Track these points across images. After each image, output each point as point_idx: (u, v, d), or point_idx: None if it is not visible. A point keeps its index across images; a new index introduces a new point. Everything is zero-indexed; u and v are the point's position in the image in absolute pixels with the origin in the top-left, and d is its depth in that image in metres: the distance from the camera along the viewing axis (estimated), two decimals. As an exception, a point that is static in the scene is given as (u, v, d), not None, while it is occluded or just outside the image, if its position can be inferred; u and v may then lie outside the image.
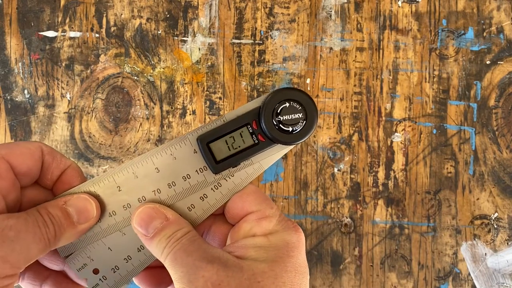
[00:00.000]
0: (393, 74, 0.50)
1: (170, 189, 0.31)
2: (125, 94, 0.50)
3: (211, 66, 0.50)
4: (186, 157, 0.31)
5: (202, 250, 0.29)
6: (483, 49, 0.50)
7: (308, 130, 0.30)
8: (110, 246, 0.32)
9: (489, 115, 0.50)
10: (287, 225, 0.31)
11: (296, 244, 0.30)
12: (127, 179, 0.31)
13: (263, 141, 0.31)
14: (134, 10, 0.50)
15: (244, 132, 0.31)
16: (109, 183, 0.31)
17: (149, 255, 0.32)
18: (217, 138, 0.31)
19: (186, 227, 0.30)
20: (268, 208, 0.31)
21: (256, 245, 0.30)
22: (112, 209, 0.31)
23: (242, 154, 0.31)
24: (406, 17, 0.50)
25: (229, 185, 0.32)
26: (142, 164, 0.31)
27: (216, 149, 0.31)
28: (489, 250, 0.50)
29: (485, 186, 0.50)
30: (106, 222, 0.32)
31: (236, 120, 0.31)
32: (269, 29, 0.50)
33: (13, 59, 0.50)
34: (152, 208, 0.31)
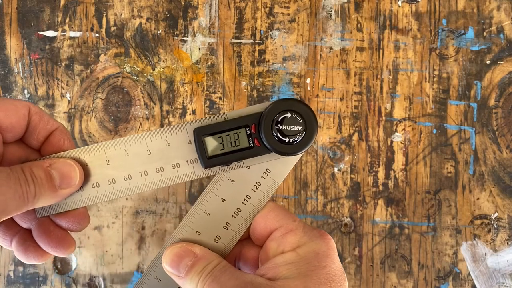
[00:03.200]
0: (393, 74, 0.50)
1: (157, 173, 0.31)
2: (125, 94, 0.50)
3: (211, 66, 0.50)
4: (180, 145, 0.31)
5: (235, 278, 0.29)
6: (483, 49, 0.50)
7: (306, 143, 0.30)
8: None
9: (489, 115, 0.50)
10: (314, 234, 0.31)
11: (327, 252, 0.30)
12: (118, 155, 0.31)
13: (258, 146, 0.31)
14: (134, 10, 0.50)
15: (241, 133, 0.31)
16: (99, 155, 0.31)
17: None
18: (213, 133, 0.31)
19: (215, 259, 0.30)
20: (291, 221, 0.31)
21: (286, 262, 0.30)
22: (96, 180, 0.31)
23: (235, 154, 0.31)
24: (406, 17, 0.50)
25: (249, 208, 0.32)
26: (135, 143, 0.31)
27: (210, 144, 0.31)
28: (489, 250, 0.50)
29: (485, 186, 0.50)
30: (88, 192, 0.31)
31: (237, 120, 0.31)
32: (269, 29, 0.50)
33: (13, 59, 0.50)
34: (180, 247, 0.31)
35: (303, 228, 0.31)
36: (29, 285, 0.50)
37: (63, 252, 0.32)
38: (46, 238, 0.32)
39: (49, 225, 0.32)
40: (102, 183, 0.31)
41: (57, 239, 0.32)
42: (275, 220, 0.31)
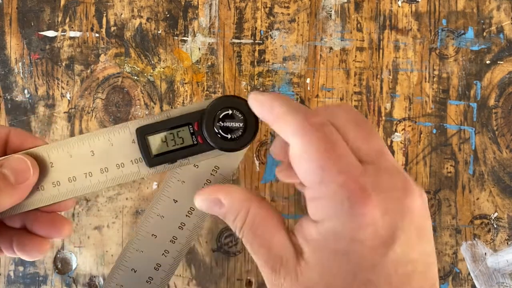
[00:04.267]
0: (393, 74, 0.50)
1: (102, 174, 0.31)
2: (125, 94, 0.50)
3: (211, 66, 0.50)
4: (124, 145, 0.31)
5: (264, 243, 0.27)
6: (483, 49, 0.50)
7: (247, 138, 0.30)
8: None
9: (489, 115, 0.50)
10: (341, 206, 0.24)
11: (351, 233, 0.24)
12: (61, 157, 0.31)
13: (201, 143, 0.31)
14: (134, 10, 0.50)
15: (184, 131, 0.31)
16: (42, 158, 0.31)
17: None
18: (156, 132, 0.31)
19: (242, 210, 0.28)
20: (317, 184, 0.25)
21: (307, 238, 0.26)
22: (41, 183, 0.31)
23: (179, 152, 0.31)
24: (406, 17, 0.50)
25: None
26: (78, 145, 0.31)
27: (153, 143, 0.31)
28: (489, 250, 0.50)
29: (485, 186, 0.50)
30: (33, 196, 0.31)
31: (179, 118, 0.31)
32: (269, 28, 0.50)
33: (13, 58, 0.50)
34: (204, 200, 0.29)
35: (333, 196, 0.24)
36: (29, 285, 0.50)
37: (59, 232, 0.32)
38: (38, 223, 0.32)
39: (37, 212, 0.32)
40: (46, 186, 0.31)
41: (49, 220, 0.32)
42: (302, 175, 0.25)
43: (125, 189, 0.50)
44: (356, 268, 0.24)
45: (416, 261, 0.24)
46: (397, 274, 0.24)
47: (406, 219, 0.24)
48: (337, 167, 0.24)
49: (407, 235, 0.24)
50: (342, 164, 0.24)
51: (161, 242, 0.32)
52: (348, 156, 0.25)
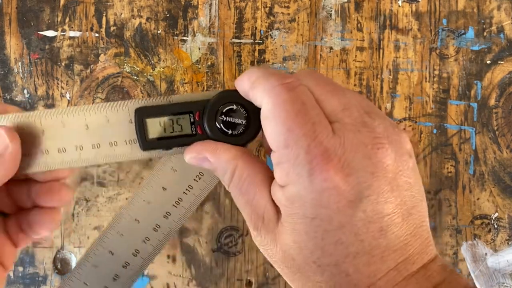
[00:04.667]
0: (393, 73, 0.50)
1: (93, 150, 0.30)
2: (125, 93, 0.50)
3: (211, 66, 0.50)
4: (120, 123, 0.30)
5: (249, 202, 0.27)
6: (484, 49, 0.50)
7: (248, 137, 0.29)
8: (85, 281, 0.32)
9: (489, 115, 0.50)
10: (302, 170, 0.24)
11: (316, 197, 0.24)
12: (54, 125, 0.30)
13: (200, 134, 0.30)
14: (134, 9, 0.50)
15: (185, 119, 0.30)
16: (34, 123, 0.30)
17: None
18: (155, 115, 0.30)
19: (229, 168, 0.28)
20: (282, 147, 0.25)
21: (277, 200, 0.26)
22: (28, 149, 0.30)
23: (176, 140, 0.30)
24: (406, 16, 0.50)
25: (190, 198, 0.31)
26: (73, 115, 0.30)
27: (151, 126, 0.30)
28: (489, 250, 0.50)
29: (485, 186, 0.50)
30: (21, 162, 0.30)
31: (181, 105, 0.30)
32: (269, 28, 0.50)
33: (13, 58, 0.50)
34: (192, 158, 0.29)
35: (296, 160, 0.24)
36: (29, 285, 0.50)
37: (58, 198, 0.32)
38: (40, 194, 0.32)
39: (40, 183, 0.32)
40: (34, 153, 0.30)
41: (48, 189, 0.32)
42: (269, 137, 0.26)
43: (124, 189, 0.49)
44: (324, 230, 0.24)
45: (392, 213, 0.24)
46: (368, 231, 0.24)
47: (375, 175, 0.24)
48: (303, 129, 0.24)
49: (377, 192, 0.24)
50: (308, 126, 0.24)
51: (143, 228, 0.31)
52: (316, 117, 0.25)
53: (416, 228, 0.25)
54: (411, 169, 0.26)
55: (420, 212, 0.26)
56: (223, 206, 0.50)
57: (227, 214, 0.50)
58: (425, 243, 0.26)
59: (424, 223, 0.26)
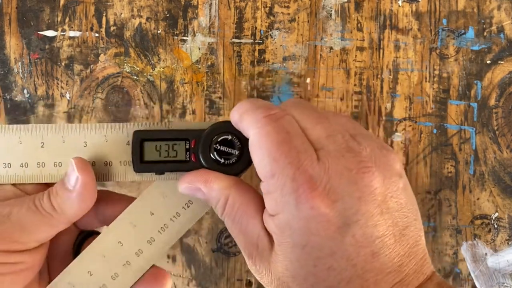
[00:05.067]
0: (393, 73, 0.50)
1: None
2: (125, 93, 0.50)
3: (211, 66, 0.50)
4: (117, 144, 0.31)
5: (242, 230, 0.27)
6: (484, 49, 0.50)
7: (240, 168, 0.29)
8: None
9: (489, 115, 0.50)
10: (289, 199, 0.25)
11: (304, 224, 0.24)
12: (54, 140, 0.31)
13: (194, 161, 0.30)
14: (134, 9, 0.50)
15: (180, 145, 0.30)
16: (35, 136, 0.31)
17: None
18: (153, 139, 0.30)
19: (221, 198, 0.28)
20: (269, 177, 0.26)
21: (270, 229, 0.26)
22: (25, 160, 0.31)
23: (169, 165, 0.30)
24: (407, 16, 0.50)
25: (176, 225, 0.31)
26: (73, 132, 0.31)
27: (148, 149, 0.30)
28: (490, 250, 0.50)
29: (486, 186, 0.50)
30: (14, 171, 0.31)
31: (179, 131, 0.30)
32: (269, 28, 0.50)
33: (13, 58, 0.50)
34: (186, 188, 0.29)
35: (283, 189, 0.25)
36: None
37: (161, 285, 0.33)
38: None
39: None
40: (31, 165, 0.31)
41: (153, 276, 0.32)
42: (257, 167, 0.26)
43: (125, 189, 0.49)
44: (316, 257, 0.24)
45: (383, 236, 0.24)
46: (360, 255, 0.24)
47: (363, 200, 0.24)
48: (288, 158, 0.25)
49: (366, 216, 0.24)
50: (293, 155, 0.25)
51: (126, 251, 0.31)
52: (301, 146, 0.25)
53: (410, 248, 0.25)
54: (401, 190, 0.26)
55: (414, 232, 0.26)
56: (223, 206, 0.50)
57: (227, 214, 0.50)
58: (421, 262, 0.25)
59: (419, 242, 0.26)
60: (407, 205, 0.26)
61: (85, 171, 0.30)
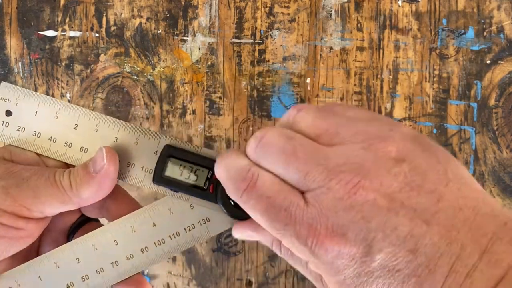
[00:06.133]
0: (393, 73, 0.50)
1: None
2: (125, 93, 0.50)
3: (211, 66, 0.50)
4: (145, 150, 0.31)
5: None
6: (484, 49, 0.50)
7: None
8: (41, 275, 0.32)
9: (489, 115, 0.50)
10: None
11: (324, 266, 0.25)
12: (88, 126, 0.31)
13: (211, 192, 0.30)
14: (134, 9, 0.50)
15: (203, 172, 0.31)
16: (72, 116, 0.32)
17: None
18: (179, 158, 0.31)
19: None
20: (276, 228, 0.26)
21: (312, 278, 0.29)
22: (55, 135, 0.32)
23: (186, 187, 0.31)
24: (406, 16, 0.50)
25: (172, 244, 0.32)
26: (108, 124, 0.31)
27: (171, 166, 0.31)
28: (489, 250, 0.50)
29: (485, 186, 0.50)
30: (41, 142, 0.32)
31: (207, 159, 0.31)
32: (269, 28, 0.50)
33: (13, 58, 0.50)
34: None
35: (294, 245, 0.25)
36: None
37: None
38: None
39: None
40: (59, 141, 0.31)
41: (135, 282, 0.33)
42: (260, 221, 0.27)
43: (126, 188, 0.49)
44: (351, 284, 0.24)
45: (409, 232, 0.23)
46: (398, 262, 0.23)
47: (367, 218, 0.24)
48: (282, 221, 0.25)
49: (380, 229, 0.23)
50: (283, 216, 0.25)
51: (119, 251, 0.32)
52: (285, 202, 0.25)
53: (451, 220, 0.23)
54: (409, 173, 0.24)
55: (449, 201, 0.24)
56: (223, 206, 0.50)
57: (227, 214, 0.50)
58: (475, 222, 0.23)
59: (463, 206, 0.24)
60: (426, 181, 0.24)
61: (113, 162, 0.30)
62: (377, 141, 0.25)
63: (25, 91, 0.31)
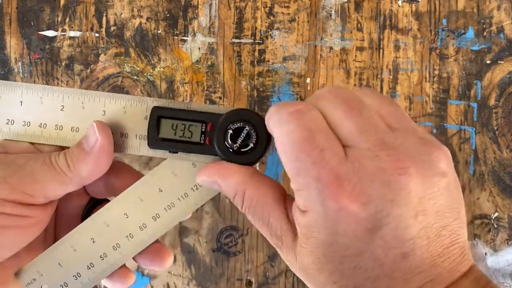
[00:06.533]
0: (393, 73, 0.50)
1: None
2: (125, 93, 0.50)
3: (211, 66, 0.50)
4: (135, 117, 0.31)
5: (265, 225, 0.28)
6: (483, 49, 0.50)
7: (251, 158, 0.29)
8: (60, 261, 0.31)
9: (489, 115, 0.50)
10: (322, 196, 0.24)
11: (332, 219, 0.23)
12: (73, 105, 0.31)
13: (208, 145, 0.30)
14: (134, 9, 0.50)
15: (196, 127, 0.30)
16: (57, 98, 0.31)
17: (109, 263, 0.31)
18: (170, 117, 0.30)
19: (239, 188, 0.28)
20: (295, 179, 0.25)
21: (300, 225, 0.26)
22: (44, 121, 0.31)
23: (183, 145, 0.30)
24: (406, 16, 0.50)
25: (182, 205, 0.31)
26: (93, 99, 0.31)
27: (164, 126, 0.30)
28: (489, 250, 0.50)
29: (485, 186, 0.50)
30: (33, 130, 0.31)
31: (197, 113, 0.30)
32: (269, 28, 0.50)
33: (13, 58, 0.50)
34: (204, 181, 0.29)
35: (309, 189, 0.24)
36: (29, 285, 0.50)
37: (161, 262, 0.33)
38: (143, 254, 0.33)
39: None
40: (49, 126, 0.31)
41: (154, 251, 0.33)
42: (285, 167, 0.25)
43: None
44: (342, 256, 0.24)
45: (415, 237, 0.24)
46: (388, 256, 0.23)
47: (395, 203, 0.23)
48: (312, 158, 0.24)
49: (397, 219, 0.23)
50: (316, 153, 0.24)
51: (131, 224, 0.31)
52: (325, 143, 0.24)
53: (446, 248, 0.24)
54: (443, 190, 0.24)
55: (452, 231, 0.25)
56: (223, 206, 0.50)
57: (227, 214, 0.50)
58: (457, 260, 0.24)
59: (457, 241, 0.25)
60: (447, 206, 0.24)
61: (105, 134, 0.30)
62: (433, 147, 0.25)
63: (4, 83, 0.31)
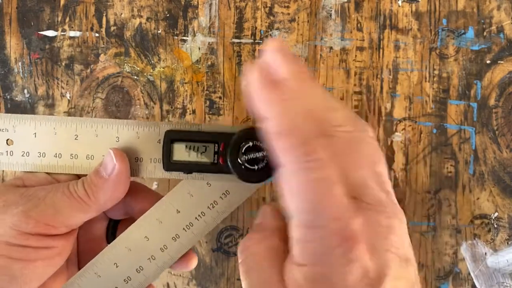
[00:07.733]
0: (393, 73, 0.50)
1: None
2: (125, 93, 0.50)
3: (211, 66, 0.50)
4: (149, 142, 0.31)
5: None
6: (483, 49, 0.50)
7: (265, 175, 0.29)
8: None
9: (489, 115, 0.50)
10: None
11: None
12: (87, 133, 0.32)
13: (222, 164, 0.31)
14: (134, 9, 0.50)
15: (209, 147, 0.31)
16: (70, 128, 0.32)
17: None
18: (183, 140, 0.31)
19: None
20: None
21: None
22: (59, 151, 0.32)
23: (197, 166, 0.31)
24: (406, 16, 0.50)
25: (201, 224, 0.32)
26: (107, 126, 0.32)
27: (177, 150, 0.31)
28: (489, 250, 0.50)
29: (485, 186, 0.50)
30: (48, 160, 0.32)
31: (209, 134, 0.31)
32: (269, 28, 0.50)
33: (13, 58, 0.50)
34: None
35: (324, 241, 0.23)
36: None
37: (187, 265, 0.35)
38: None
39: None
40: (64, 155, 0.32)
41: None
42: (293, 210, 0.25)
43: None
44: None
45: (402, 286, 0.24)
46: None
47: (392, 254, 0.24)
48: (331, 211, 0.23)
49: (394, 270, 0.24)
50: (335, 207, 0.23)
51: (152, 246, 0.32)
52: (341, 196, 0.23)
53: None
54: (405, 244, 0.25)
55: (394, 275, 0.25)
56: (223, 206, 0.50)
57: (227, 214, 0.50)
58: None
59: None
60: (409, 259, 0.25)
61: (122, 161, 0.30)
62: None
63: (19, 116, 0.32)
